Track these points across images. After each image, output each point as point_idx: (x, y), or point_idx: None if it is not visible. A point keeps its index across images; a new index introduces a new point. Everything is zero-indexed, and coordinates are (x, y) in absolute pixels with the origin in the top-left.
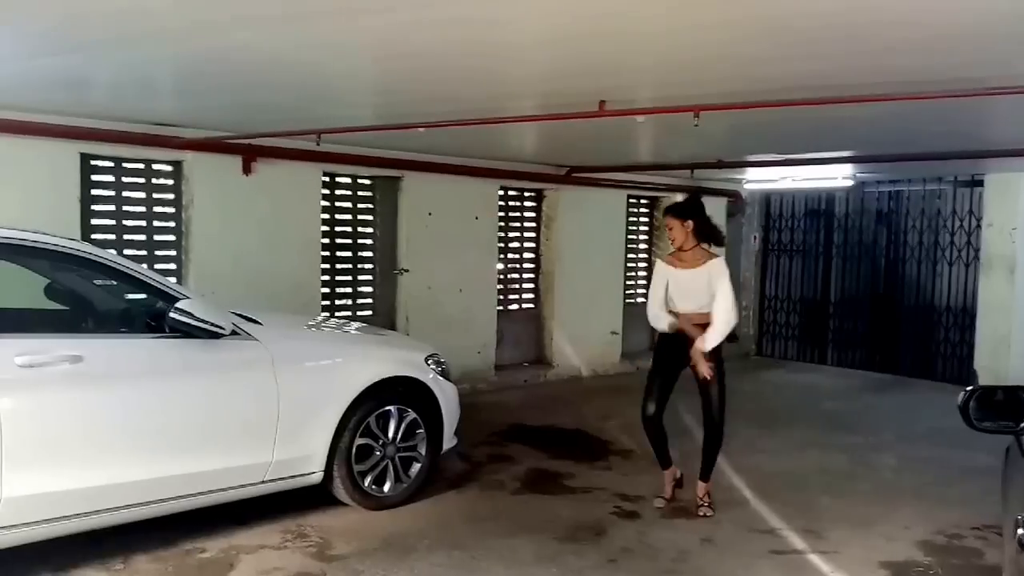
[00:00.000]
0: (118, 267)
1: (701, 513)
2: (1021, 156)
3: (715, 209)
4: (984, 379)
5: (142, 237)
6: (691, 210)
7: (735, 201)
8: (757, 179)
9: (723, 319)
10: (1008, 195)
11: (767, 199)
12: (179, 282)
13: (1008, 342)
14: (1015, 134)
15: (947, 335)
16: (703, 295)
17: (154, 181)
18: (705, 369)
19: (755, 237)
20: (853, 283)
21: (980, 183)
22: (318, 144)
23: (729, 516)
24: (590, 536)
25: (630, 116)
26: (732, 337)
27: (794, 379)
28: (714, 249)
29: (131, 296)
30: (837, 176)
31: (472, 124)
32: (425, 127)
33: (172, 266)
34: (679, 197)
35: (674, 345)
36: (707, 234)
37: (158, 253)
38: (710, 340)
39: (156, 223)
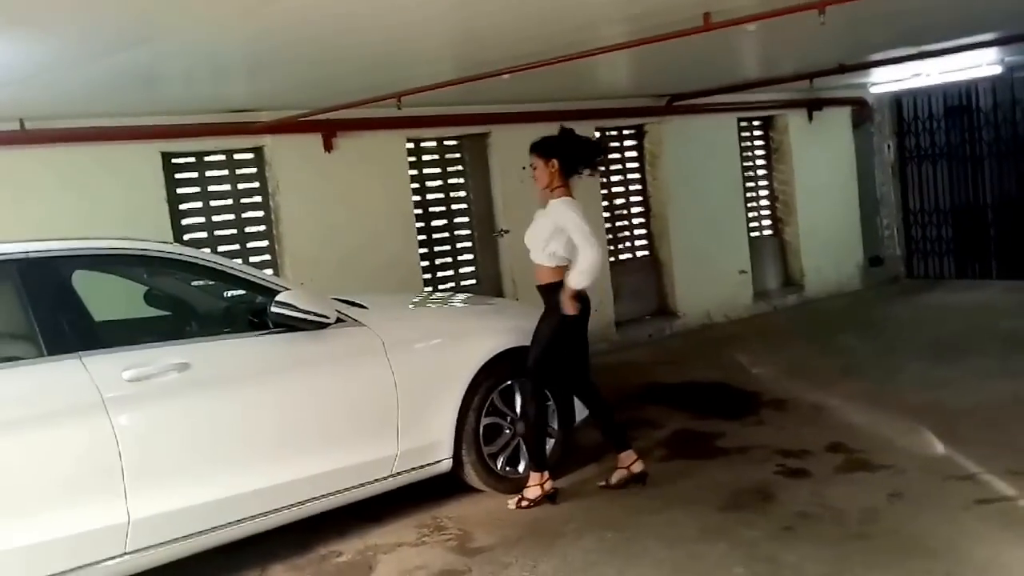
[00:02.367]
0: (213, 265)
1: (523, 505)
2: None
3: (838, 120)
4: None
5: (232, 231)
6: (556, 146)
7: (860, 110)
8: (885, 80)
9: (587, 256)
10: None
11: (898, 102)
12: (275, 272)
13: None
14: None
15: None
16: (541, 243)
17: (238, 171)
18: (568, 303)
19: (888, 146)
20: (1008, 184)
21: None
22: (399, 108)
23: (917, 464)
24: (756, 501)
25: (740, 26)
26: (876, 260)
27: (957, 299)
28: (586, 176)
29: (230, 294)
30: (980, 63)
31: (561, 62)
32: (510, 72)
33: (266, 257)
34: (792, 116)
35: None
36: (578, 165)
37: (250, 245)
38: (573, 278)
39: (245, 214)
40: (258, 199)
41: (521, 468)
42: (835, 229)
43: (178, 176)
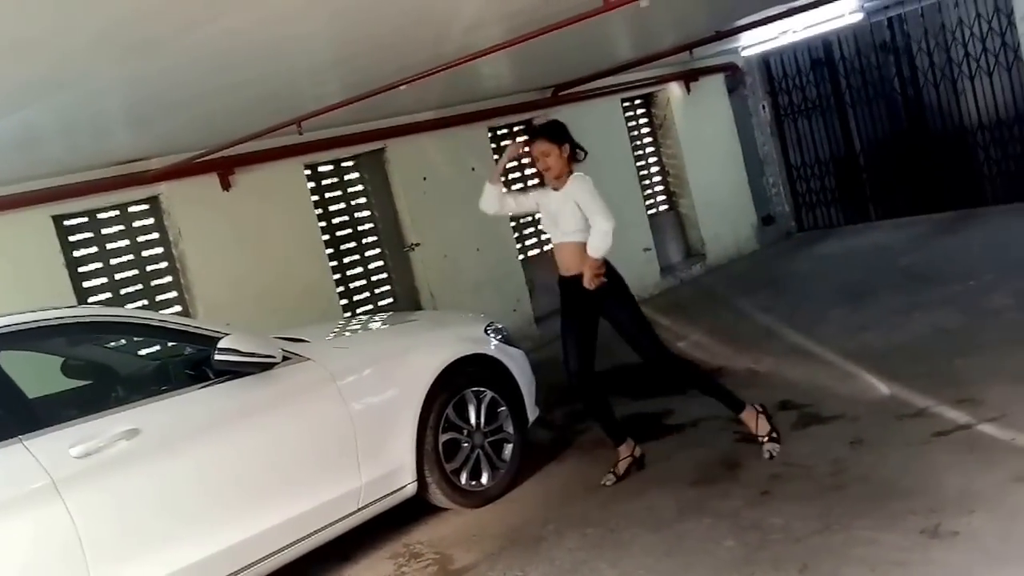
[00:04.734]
0: (145, 321)
1: (765, 454)
2: None
3: (714, 88)
4: None
5: (138, 286)
6: (564, 131)
7: (733, 74)
8: (753, 43)
9: (600, 226)
10: None
11: (766, 63)
12: None
13: None
14: None
15: (1004, 151)
16: (569, 219)
17: (135, 224)
18: (590, 277)
19: (763, 106)
20: (878, 127)
21: None
22: (300, 133)
23: (866, 408)
24: (725, 472)
25: (634, 3)
26: (768, 219)
27: (852, 245)
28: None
29: (163, 350)
30: (843, 13)
31: (460, 64)
32: (407, 83)
33: (177, 308)
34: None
35: (577, 291)
36: (577, 153)
37: (159, 298)
38: (592, 246)
39: (149, 267)
40: (160, 250)
41: (484, 479)
42: (727, 195)
43: (73, 238)
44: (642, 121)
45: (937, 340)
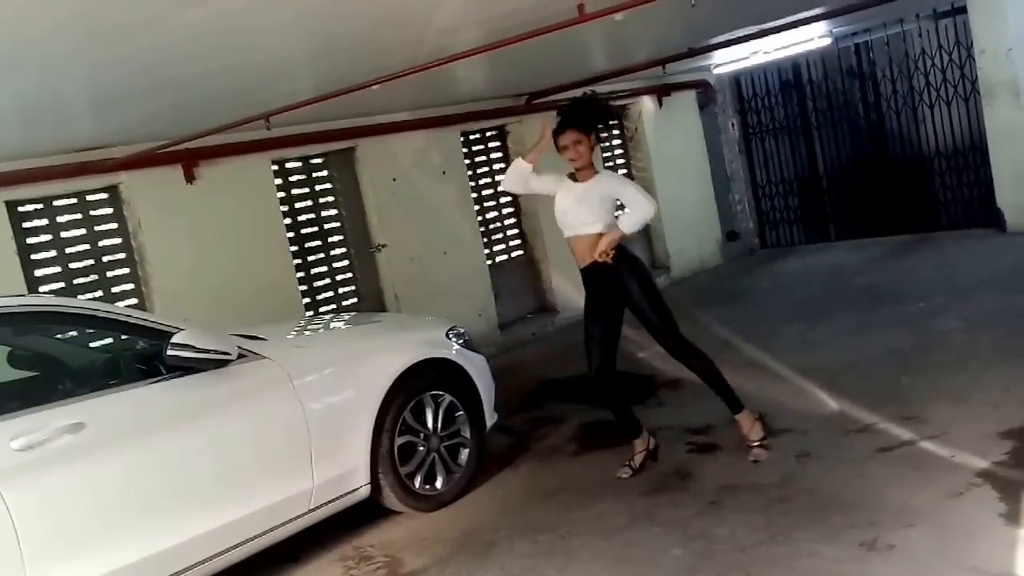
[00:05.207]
0: (96, 313)
1: (751, 458)
2: None
3: (685, 103)
4: (1011, 216)
5: (93, 277)
6: (592, 118)
7: (705, 91)
8: (725, 61)
9: (643, 203)
10: (996, 16)
11: (737, 81)
12: None
13: None
14: None
15: (959, 178)
16: (597, 214)
17: (92, 213)
18: (606, 245)
19: (732, 123)
20: (841, 149)
21: (963, 10)
22: (268, 128)
23: (815, 423)
24: (676, 481)
25: (609, 16)
26: (733, 235)
27: (811, 263)
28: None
29: (115, 343)
30: (812, 37)
31: (434, 67)
32: (380, 83)
33: (134, 300)
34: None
35: (597, 281)
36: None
37: (115, 290)
38: (628, 221)
39: (105, 258)
40: (118, 240)
41: (439, 484)
42: (693, 209)
43: (27, 225)
44: (614, 133)
45: (886, 359)
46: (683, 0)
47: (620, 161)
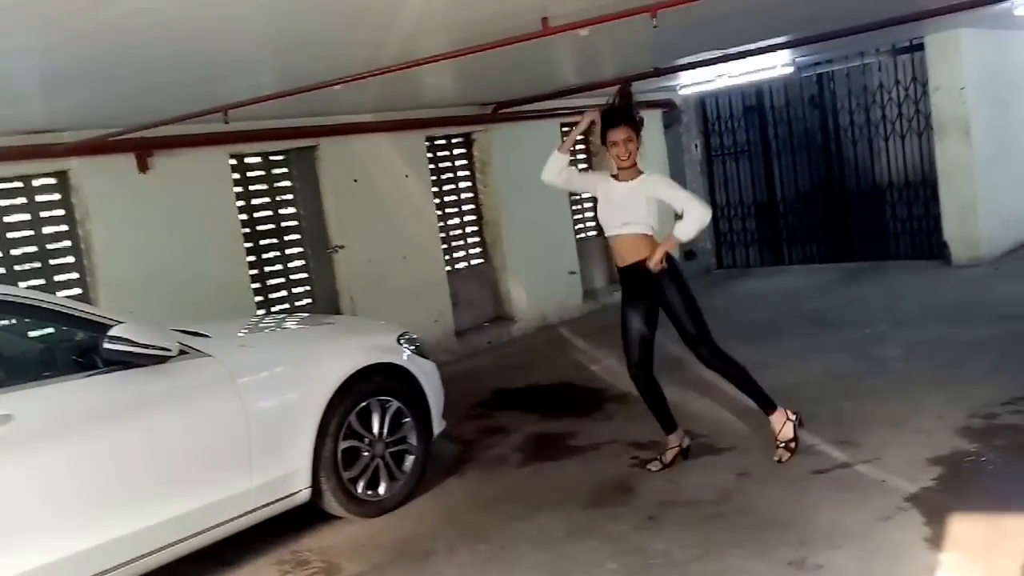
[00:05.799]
0: (30, 302)
1: (775, 457)
2: (958, 12)
3: (650, 122)
4: (956, 250)
5: (35, 264)
6: (637, 118)
7: (670, 111)
8: (691, 82)
9: (699, 210)
10: (950, 55)
11: (702, 103)
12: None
13: (975, 208)
14: None
15: (910, 211)
16: (641, 215)
17: (39, 199)
18: (659, 258)
19: (696, 145)
20: (800, 176)
21: (920, 47)
22: (226, 122)
23: (756, 443)
24: (618, 495)
25: (573, 31)
26: (690, 254)
27: (764, 286)
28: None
29: (44, 334)
30: (776, 65)
31: (398, 70)
32: (343, 83)
33: (77, 290)
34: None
35: (636, 281)
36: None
37: (58, 279)
38: (684, 230)
39: (49, 245)
40: (64, 228)
41: (382, 490)
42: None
43: None
44: (579, 147)
45: (829, 383)
46: (647, 20)
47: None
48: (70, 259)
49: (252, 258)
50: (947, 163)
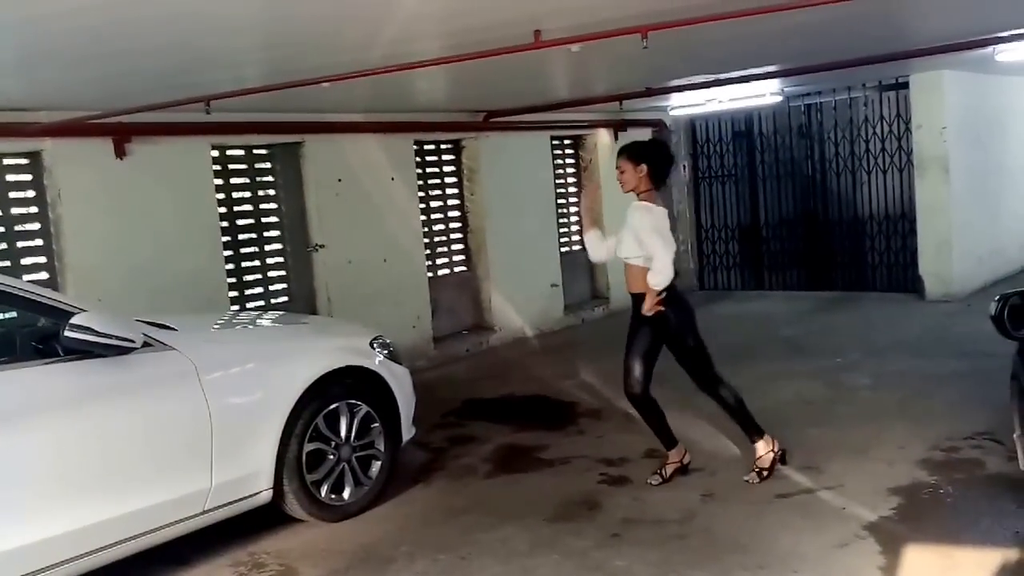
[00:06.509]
0: None
1: (746, 477)
2: (942, 53)
3: (642, 139)
4: (931, 285)
5: (1, 245)
6: (648, 152)
7: (660, 130)
8: (682, 104)
9: (658, 265)
10: (934, 94)
11: (692, 125)
12: (55, 292)
13: (950, 244)
14: (935, 31)
15: (888, 244)
16: (630, 243)
17: (8, 177)
18: (649, 305)
19: (684, 166)
20: (784, 203)
21: (905, 85)
22: (208, 112)
23: (722, 464)
24: (583, 511)
25: (565, 46)
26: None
27: (743, 309)
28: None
29: (5, 318)
30: (765, 93)
31: (387, 72)
32: (332, 81)
33: (44, 275)
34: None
35: (638, 308)
36: (664, 176)
37: (25, 262)
38: (653, 281)
39: (17, 227)
40: (34, 209)
41: (346, 495)
42: None
43: None
44: (569, 161)
45: (798, 408)
46: (637, 40)
47: (573, 188)
48: (38, 242)
49: (229, 252)
50: (926, 199)
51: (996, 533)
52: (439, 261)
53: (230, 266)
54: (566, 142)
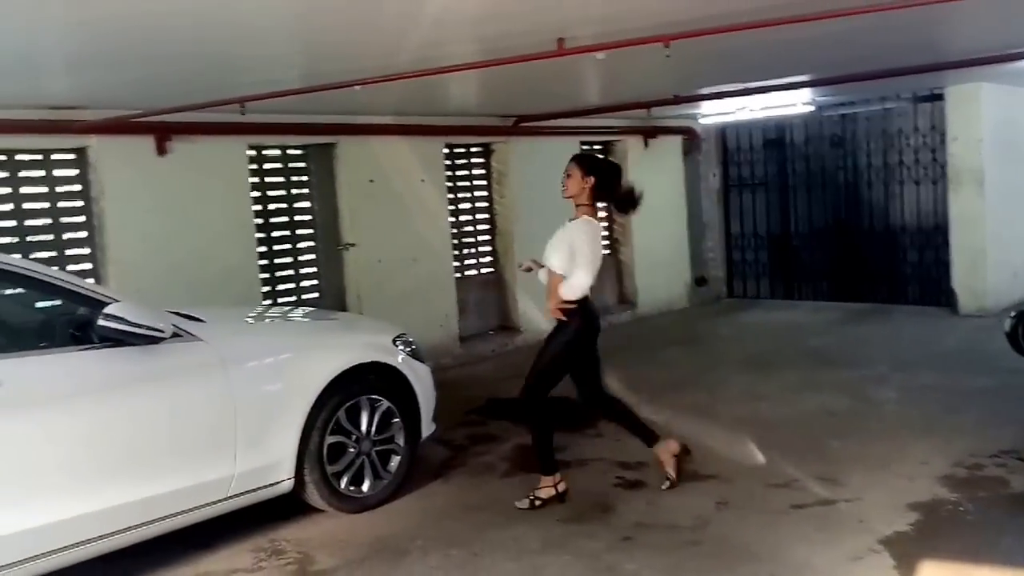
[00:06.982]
0: (30, 274)
1: (661, 482)
2: (979, 66)
3: (671, 148)
4: (964, 299)
5: (49, 236)
6: (599, 168)
7: (690, 138)
8: (712, 112)
9: (575, 277)
10: (970, 107)
11: (723, 133)
12: (97, 283)
13: (984, 258)
14: (972, 43)
15: (921, 256)
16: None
17: (56, 173)
18: (551, 308)
19: (713, 174)
20: (816, 212)
21: (940, 97)
22: (243, 113)
23: (741, 472)
24: (597, 513)
25: (590, 54)
26: (702, 280)
27: (771, 318)
28: (617, 215)
29: (48, 306)
30: (796, 102)
31: (421, 76)
32: (362, 84)
33: (88, 266)
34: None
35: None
36: (606, 198)
37: (69, 253)
38: (564, 289)
39: (64, 220)
40: (80, 203)
41: (365, 487)
42: (666, 251)
43: None
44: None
45: (821, 419)
46: (659, 48)
47: None
48: (83, 234)
49: (263, 248)
50: (960, 213)
51: (1016, 553)
52: (467, 262)
53: (263, 262)
54: (596, 147)
